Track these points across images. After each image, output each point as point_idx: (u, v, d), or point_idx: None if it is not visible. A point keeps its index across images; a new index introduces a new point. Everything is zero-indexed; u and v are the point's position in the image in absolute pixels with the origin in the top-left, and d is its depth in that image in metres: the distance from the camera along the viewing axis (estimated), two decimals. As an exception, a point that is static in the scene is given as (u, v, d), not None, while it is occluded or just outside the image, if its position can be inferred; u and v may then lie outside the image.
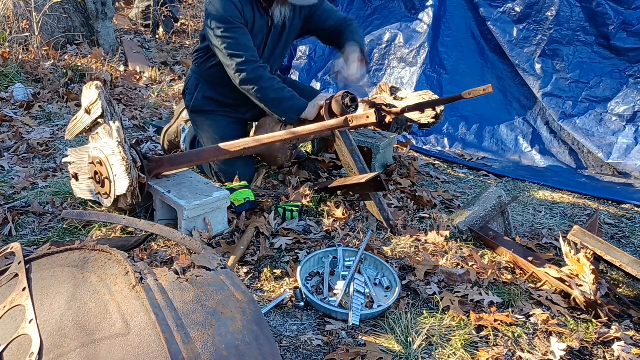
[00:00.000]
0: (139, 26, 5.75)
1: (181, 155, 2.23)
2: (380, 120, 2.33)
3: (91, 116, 2.01)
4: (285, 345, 1.60)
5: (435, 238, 2.24)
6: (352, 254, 2.03)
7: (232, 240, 2.14)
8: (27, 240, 2.01)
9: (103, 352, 0.99)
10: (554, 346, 1.66)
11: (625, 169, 3.40)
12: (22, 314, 1.09)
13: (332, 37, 2.69)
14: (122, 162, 1.91)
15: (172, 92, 4.05)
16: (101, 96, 1.94)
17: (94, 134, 2.07)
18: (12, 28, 4.10)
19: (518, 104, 3.84)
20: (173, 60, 4.92)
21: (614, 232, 2.62)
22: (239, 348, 1.05)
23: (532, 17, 3.66)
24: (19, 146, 2.81)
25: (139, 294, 1.08)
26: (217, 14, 2.29)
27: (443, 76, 3.96)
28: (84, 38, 4.68)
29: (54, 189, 2.39)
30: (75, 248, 1.25)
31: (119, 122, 1.97)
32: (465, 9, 3.92)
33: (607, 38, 3.47)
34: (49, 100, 3.45)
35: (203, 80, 2.63)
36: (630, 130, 3.46)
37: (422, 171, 3.14)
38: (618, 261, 1.86)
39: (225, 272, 1.23)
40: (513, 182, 3.21)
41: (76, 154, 2.20)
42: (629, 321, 1.85)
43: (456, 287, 1.94)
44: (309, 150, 3.19)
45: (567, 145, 3.64)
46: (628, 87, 3.49)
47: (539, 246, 2.35)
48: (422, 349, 1.62)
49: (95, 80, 3.80)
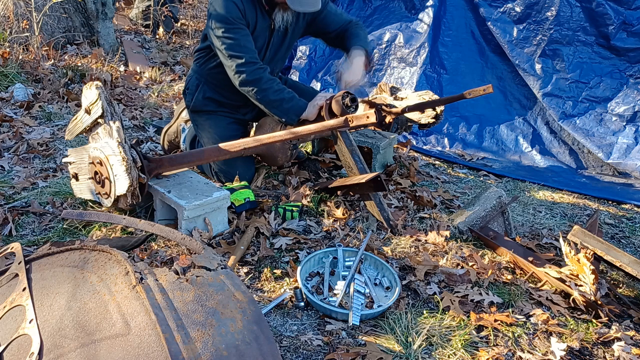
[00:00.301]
0: (139, 26, 5.75)
1: (181, 155, 2.23)
2: (380, 120, 2.33)
3: (91, 116, 2.01)
4: (285, 345, 1.60)
5: (435, 238, 2.24)
6: (352, 254, 2.03)
7: (232, 240, 2.14)
8: (27, 240, 2.01)
9: (103, 352, 0.99)
10: (554, 346, 1.66)
11: (625, 169, 3.40)
12: (22, 314, 1.09)
13: (337, 40, 2.68)
14: (122, 162, 1.91)
15: (172, 92, 4.05)
16: (101, 96, 1.94)
17: (94, 134, 2.07)
18: (12, 28, 4.11)
19: (518, 104, 3.84)
20: (173, 60, 4.92)
21: (614, 232, 2.62)
22: (239, 348, 1.05)
23: (532, 17, 3.66)
24: (19, 146, 2.81)
25: (139, 294, 1.08)
26: (219, 14, 2.29)
27: (443, 76, 3.96)
28: (84, 38, 4.68)
29: (54, 189, 2.39)
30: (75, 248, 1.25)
31: (119, 122, 1.97)
32: (465, 9, 3.92)
33: (607, 38, 3.47)
34: (49, 100, 3.45)
35: (204, 81, 2.63)
36: (630, 130, 3.46)
37: (422, 171, 3.14)
38: (618, 261, 1.86)
39: (225, 272, 1.23)
40: (513, 182, 3.21)
41: (76, 154, 2.20)
42: (629, 321, 1.86)
43: (456, 287, 1.94)
44: (309, 150, 3.19)
45: (567, 145, 3.64)
46: (628, 87, 3.48)
47: (539, 246, 2.35)
48: (422, 349, 1.62)
49: (95, 80, 3.80)
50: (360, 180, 2.26)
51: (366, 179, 2.22)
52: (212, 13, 2.31)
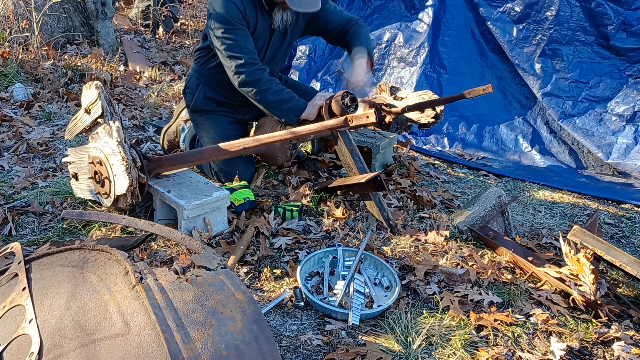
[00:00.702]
0: (139, 26, 5.75)
1: (181, 155, 2.23)
2: (381, 120, 2.33)
3: (91, 116, 2.01)
4: (285, 345, 1.60)
5: (435, 238, 2.24)
6: (352, 254, 2.03)
7: (232, 240, 2.14)
8: (27, 240, 2.01)
9: (103, 352, 0.99)
10: (554, 346, 1.66)
11: (625, 169, 3.40)
12: (22, 314, 1.09)
13: (338, 38, 2.67)
14: (122, 162, 1.91)
15: (172, 92, 4.05)
16: (101, 96, 1.94)
17: (94, 134, 2.07)
18: (12, 28, 4.11)
19: (518, 104, 3.84)
20: (173, 60, 4.92)
21: (614, 232, 2.62)
22: (239, 348, 1.05)
23: (532, 17, 3.66)
24: (19, 146, 2.81)
25: (139, 294, 1.08)
26: (218, 14, 2.29)
27: (443, 76, 3.96)
28: (84, 38, 4.68)
29: (54, 189, 2.39)
30: (75, 248, 1.25)
31: (119, 122, 1.97)
32: (465, 9, 3.92)
33: (607, 38, 3.47)
34: (49, 100, 3.45)
35: (204, 81, 2.63)
36: (630, 130, 3.46)
37: (422, 171, 3.14)
38: (618, 261, 1.86)
39: (225, 272, 1.23)
40: (513, 182, 3.21)
41: (76, 153, 2.20)
42: (629, 321, 1.86)
43: (456, 287, 1.94)
44: (309, 150, 3.19)
45: (567, 145, 3.64)
46: (628, 87, 3.49)
47: (539, 246, 2.35)
48: (422, 349, 1.62)
49: (96, 80, 3.80)
50: (360, 180, 2.26)
51: (366, 179, 2.22)
52: (212, 13, 2.31)
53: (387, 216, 2.33)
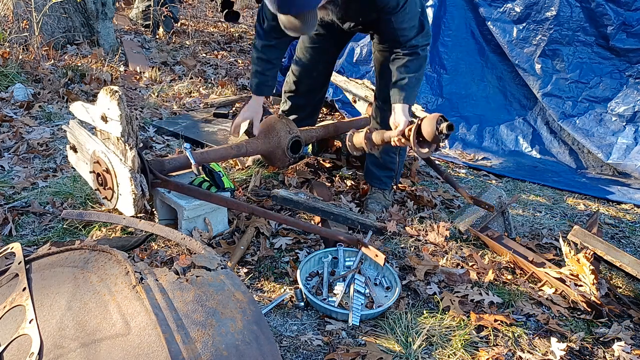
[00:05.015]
0: (139, 26, 5.74)
1: (188, 188, 2.06)
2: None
3: (107, 126, 1.90)
4: (285, 345, 1.60)
5: (435, 238, 2.24)
6: (352, 254, 2.03)
7: (232, 240, 2.14)
8: (27, 240, 2.01)
9: (103, 352, 0.99)
10: (554, 346, 1.66)
11: (625, 169, 3.40)
12: (22, 314, 1.09)
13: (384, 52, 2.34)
14: (130, 193, 1.87)
15: (172, 92, 4.05)
16: (122, 115, 1.81)
17: (103, 132, 1.98)
18: (12, 28, 4.10)
19: (518, 104, 3.84)
20: (173, 60, 4.92)
21: (614, 232, 2.62)
22: (239, 348, 1.05)
23: (532, 17, 3.66)
24: (19, 146, 2.81)
25: (139, 294, 1.08)
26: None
27: (443, 76, 3.96)
28: (84, 38, 4.68)
29: (54, 189, 2.39)
30: (75, 248, 1.25)
31: (135, 151, 1.85)
32: (465, 9, 3.91)
33: (607, 38, 3.47)
34: (49, 100, 3.45)
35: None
36: (630, 130, 3.45)
37: (422, 171, 3.14)
38: (618, 261, 1.86)
39: (225, 272, 1.23)
40: (513, 182, 3.21)
41: (78, 131, 2.12)
42: (629, 321, 1.86)
43: (456, 287, 1.94)
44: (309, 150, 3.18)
45: (567, 145, 3.64)
46: (628, 87, 3.48)
47: (539, 246, 2.35)
48: (422, 349, 1.62)
49: (96, 80, 3.80)
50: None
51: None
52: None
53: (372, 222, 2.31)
